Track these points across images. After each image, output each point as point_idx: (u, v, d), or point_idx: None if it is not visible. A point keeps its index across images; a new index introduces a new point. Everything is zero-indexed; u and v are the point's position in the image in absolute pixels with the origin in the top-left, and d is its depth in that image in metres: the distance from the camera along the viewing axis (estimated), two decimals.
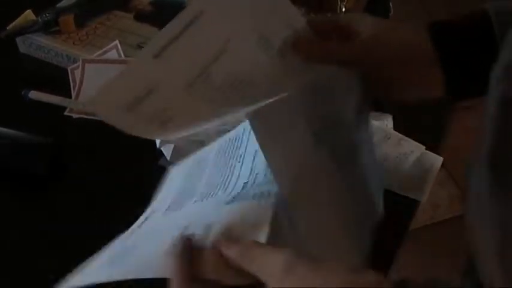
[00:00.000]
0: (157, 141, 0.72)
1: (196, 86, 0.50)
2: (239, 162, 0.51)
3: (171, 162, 0.71)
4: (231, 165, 0.51)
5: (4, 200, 0.68)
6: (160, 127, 0.49)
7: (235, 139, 0.54)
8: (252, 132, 0.52)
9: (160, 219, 0.52)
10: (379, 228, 0.60)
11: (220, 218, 0.43)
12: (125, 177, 0.71)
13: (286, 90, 0.51)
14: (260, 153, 0.49)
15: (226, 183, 0.49)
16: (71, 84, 0.81)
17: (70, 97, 0.80)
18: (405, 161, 0.73)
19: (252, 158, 0.50)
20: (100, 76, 0.81)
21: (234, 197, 0.45)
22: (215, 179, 0.51)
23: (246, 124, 0.54)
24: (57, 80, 0.83)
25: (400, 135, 0.75)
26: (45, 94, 0.80)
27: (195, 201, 0.51)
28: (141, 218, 0.55)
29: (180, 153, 0.71)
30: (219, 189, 0.49)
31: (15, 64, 0.88)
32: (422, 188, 0.70)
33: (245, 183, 0.47)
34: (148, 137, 0.50)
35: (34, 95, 0.80)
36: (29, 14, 0.89)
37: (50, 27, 0.87)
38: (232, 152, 0.53)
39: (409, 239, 0.67)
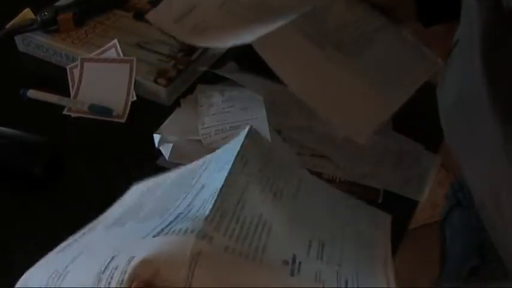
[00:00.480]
0: (156, 141, 0.72)
1: (228, 4, 0.73)
2: (185, 193, 0.52)
3: (170, 162, 0.71)
4: (178, 195, 0.52)
5: (2, 200, 0.68)
6: (199, 34, 0.71)
7: (193, 170, 0.56)
8: (207, 167, 0.55)
9: (101, 234, 0.53)
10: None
11: (142, 251, 0.44)
12: (124, 177, 0.71)
13: (292, 15, 0.68)
14: (204, 190, 0.51)
15: (166, 211, 0.50)
16: (70, 83, 0.81)
17: (69, 96, 0.80)
18: (404, 161, 0.72)
19: (196, 192, 0.51)
20: (99, 75, 0.81)
21: (162, 229, 0.46)
22: (160, 204, 0.53)
23: (206, 158, 0.57)
24: (56, 78, 0.83)
25: (399, 135, 0.75)
26: (44, 93, 0.79)
27: (136, 222, 0.52)
28: (84, 229, 0.55)
29: (178, 153, 0.71)
30: (158, 215, 0.50)
31: (14, 63, 0.88)
32: (421, 188, 0.70)
33: (180, 213, 0.48)
34: (190, 43, 0.74)
35: (32, 93, 0.79)
36: (27, 13, 0.88)
37: (48, 26, 0.87)
38: (184, 184, 0.54)
39: (408, 238, 0.67)
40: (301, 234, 0.51)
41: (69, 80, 0.82)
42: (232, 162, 0.51)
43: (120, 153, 0.74)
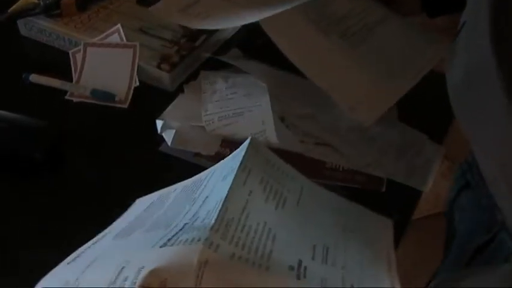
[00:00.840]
0: (159, 127, 0.71)
1: None
2: (190, 205, 0.53)
3: (173, 148, 0.70)
4: (183, 208, 0.53)
5: (1, 192, 0.67)
6: (202, 20, 0.75)
7: (198, 181, 0.57)
8: (210, 178, 0.56)
9: (109, 245, 0.53)
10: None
11: (151, 262, 0.44)
12: (126, 164, 0.70)
13: (297, 2, 0.69)
14: (208, 200, 0.51)
15: (171, 222, 0.50)
16: (72, 68, 0.81)
17: (71, 81, 0.79)
18: (408, 151, 0.72)
19: (201, 203, 0.52)
20: (101, 60, 0.81)
21: (169, 239, 0.46)
22: (165, 217, 0.53)
23: (209, 170, 0.58)
24: (59, 63, 0.83)
25: (404, 125, 0.75)
26: (46, 77, 0.79)
27: (141, 232, 0.52)
28: (92, 240, 0.56)
29: (181, 139, 0.70)
30: (163, 226, 0.50)
31: (16, 47, 0.87)
32: (425, 178, 0.69)
33: (186, 224, 0.49)
34: (195, 27, 0.79)
35: (35, 78, 0.79)
36: None
37: (51, 10, 0.86)
38: (190, 195, 0.55)
39: (411, 228, 0.67)
40: (305, 239, 0.52)
41: (72, 65, 0.81)
42: (235, 172, 0.52)
43: (122, 139, 0.73)
